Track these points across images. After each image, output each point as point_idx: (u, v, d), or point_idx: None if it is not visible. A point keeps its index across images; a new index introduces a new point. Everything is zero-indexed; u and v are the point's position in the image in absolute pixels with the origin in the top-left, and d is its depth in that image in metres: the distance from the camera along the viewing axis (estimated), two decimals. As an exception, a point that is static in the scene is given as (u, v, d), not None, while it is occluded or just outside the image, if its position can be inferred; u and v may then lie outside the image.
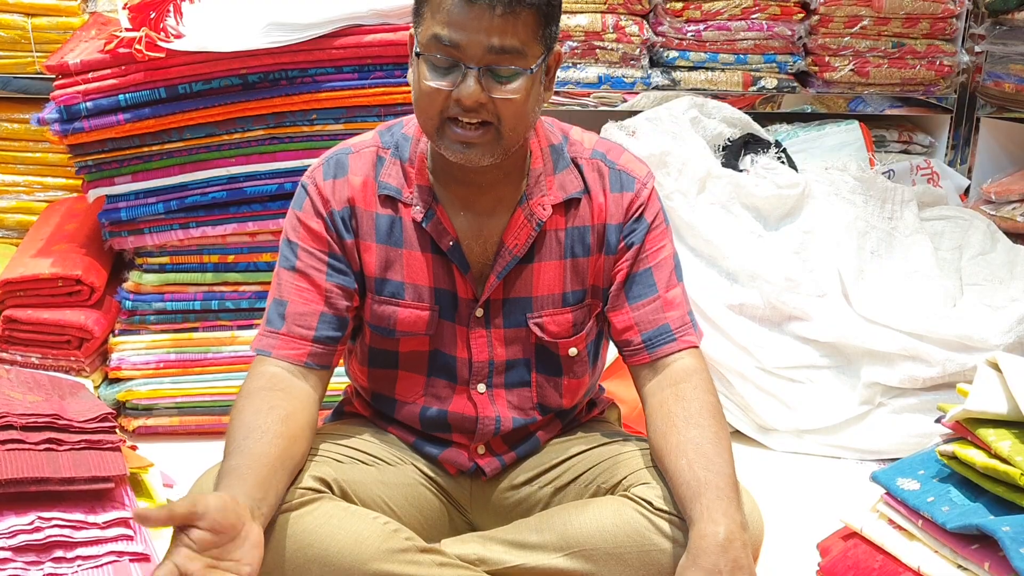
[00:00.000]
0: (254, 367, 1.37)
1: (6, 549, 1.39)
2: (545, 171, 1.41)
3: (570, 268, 1.42)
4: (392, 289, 1.40)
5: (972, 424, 1.31)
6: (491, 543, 1.41)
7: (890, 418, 2.11)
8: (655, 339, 1.41)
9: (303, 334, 1.36)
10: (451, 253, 1.38)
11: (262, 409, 1.30)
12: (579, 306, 1.44)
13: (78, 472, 1.47)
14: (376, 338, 1.44)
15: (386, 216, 1.40)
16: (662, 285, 1.42)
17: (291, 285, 1.38)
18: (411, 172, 1.39)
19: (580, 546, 1.36)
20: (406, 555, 1.32)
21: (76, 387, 1.83)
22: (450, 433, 1.47)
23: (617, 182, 1.42)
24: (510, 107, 1.27)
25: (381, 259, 1.40)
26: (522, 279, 1.42)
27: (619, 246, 1.42)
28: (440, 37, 1.25)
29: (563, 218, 1.41)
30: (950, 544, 1.26)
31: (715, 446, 1.31)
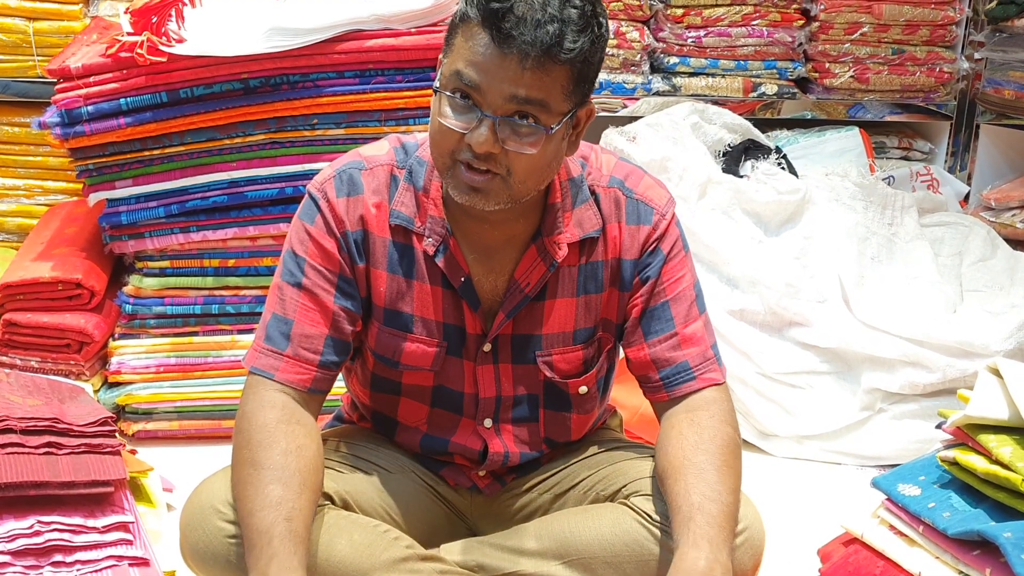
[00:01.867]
0: (257, 390, 1.29)
1: (5, 553, 1.38)
2: (563, 207, 1.33)
3: (582, 305, 1.37)
4: (402, 322, 1.35)
5: (973, 430, 1.30)
6: (490, 549, 1.40)
7: (890, 424, 2.11)
8: (673, 377, 1.35)
9: (309, 358, 1.30)
10: (463, 290, 1.33)
11: (290, 450, 1.23)
12: (590, 343, 1.39)
13: (78, 476, 1.46)
14: (379, 366, 1.40)
15: (398, 244, 1.33)
16: (680, 320, 1.35)
17: (296, 303, 1.30)
18: (425, 202, 1.32)
19: (579, 554, 1.36)
20: (407, 564, 1.31)
21: (76, 391, 1.82)
22: (452, 457, 1.46)
23: (634, 213, 1.35)
24: (523, 161, 1.20)
25: (392, 289, 1.34)
26: (532, 316, 1.36)
27: (634, 282, 1.36)
28: (462, 75, 1.18)
29: (578, 255, 1.35)
30: (951, 550, 1.26)
31: (719, 474, 1.25)
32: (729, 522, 1.22)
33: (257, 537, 1.17)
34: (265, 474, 1.21)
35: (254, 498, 1.19)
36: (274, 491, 1.19)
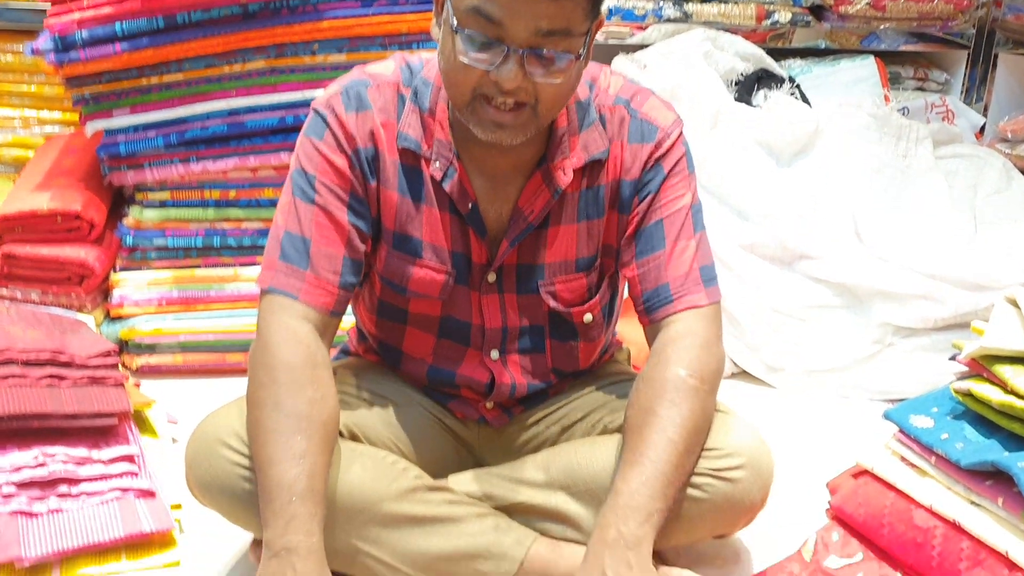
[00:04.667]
0: (279, 316, 1.23)
1: (10, 484, 1.38)
2: (569, 130, 1.29)
3: (584, 232, 1.34)
4: (411, 246, 1.32)
5: (988, 361, 1.28)
6: (498, 479, 1.40)
7: (901, 358, 2.09)
8: (654, 300, 1.31)
9: (330, 279, 1.25)
10: (470, 216, 1.30)
11: (316, 399, 1.20)
12: (592, 270, 1.37)
13: (81, 408, 1.45)
14: (387, 292, 1.38)
15: (406, 167, 1.30)
16: (671, 238, 1.31)
17: (311, 221, 1.25)
18: (431, 124, 1.28)
19: (585, 484, 1.35)
20: (416, 494, 1.31)
21: (77, 324, 1.81)
22: (459, 390, 1.44)
23: (638, 132, 1.31)
24: (550, 91, 1.16)
25: (402, 212, 1.31)
26: (535, 245, 1.33)
27: (633, 200, 1.33)
28: (482, 11, 1.12)
29: (580, 180, 1.31)
30: (963, 481, 1.25)
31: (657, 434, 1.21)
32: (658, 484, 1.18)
33: (277, 491, 1.15)
34: (291, 423, 1.18)
35: (276, 446, 1.17)
36: (299, 443, 1.17)
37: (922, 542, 1.26)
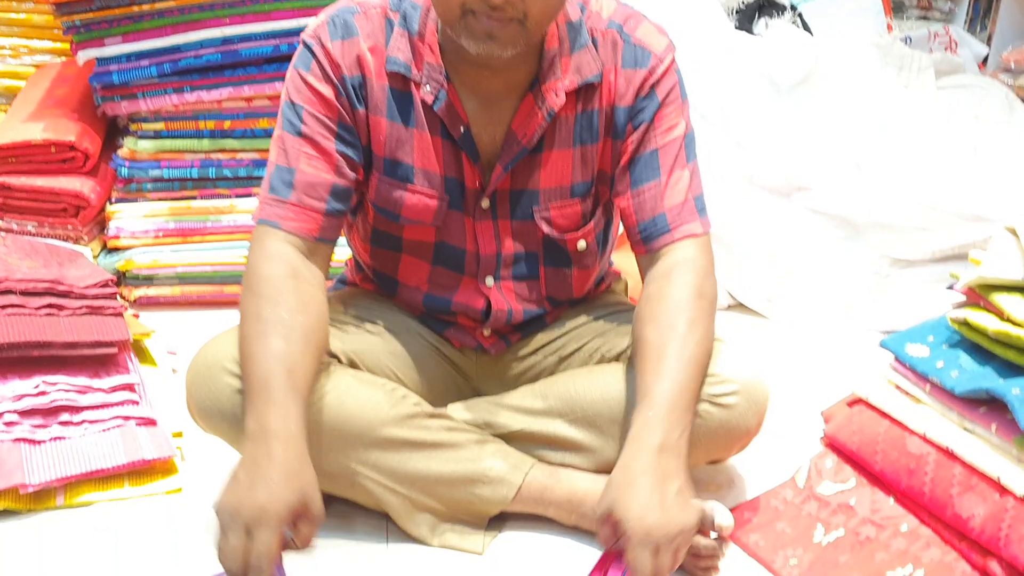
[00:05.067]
0: (263, 242, 1.26)
1: (13, 412, 1.39)
2: (561, 51, 1.28)
3: (579, 157, 1.33)
4: (402, 172, 1.32)
5: (986, 290, 1.29)
6: (497, 408, 1.41)
7: (898, 290, 2.10)
8: (651, 230, 1.31)
9: (315, 206, 1.27)
10: (462, 140, 1.29)
11: (296, 307, 1.21)
12: (587, 196, 1.36)
13: (80, 337, 1.46)
14: (380, 219, 1.37)
15: (396, 91, 1.29)
16: (666, 168, 1.31)
17: (298, 151, 1.27)
18: (420, 47, 1.27)
19: (583, 412, 1.36)
20: (415, 420, 1.32)
21: (74, 255, 1.80)
22: (455, 317, 1.44)
23: (631, 58, 1.30)
24: (540, 4, 1.15)
25: (392, 137, 1.30)
26: (529, 170, 1.33)
27: (627, 127, 1.31)
28: None
29: (574, 104, 1.30)
30: (957, 408, 1.26)
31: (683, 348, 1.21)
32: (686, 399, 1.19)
33: (257, 386, 1.16)
34: (269, 328, 1.19)
35: (256, 350, 1.18)
36: (277, 345, 1.18)
37: (915, 468, 1.28)
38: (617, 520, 1.11)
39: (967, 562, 1.16)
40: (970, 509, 1.17)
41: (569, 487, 1.35)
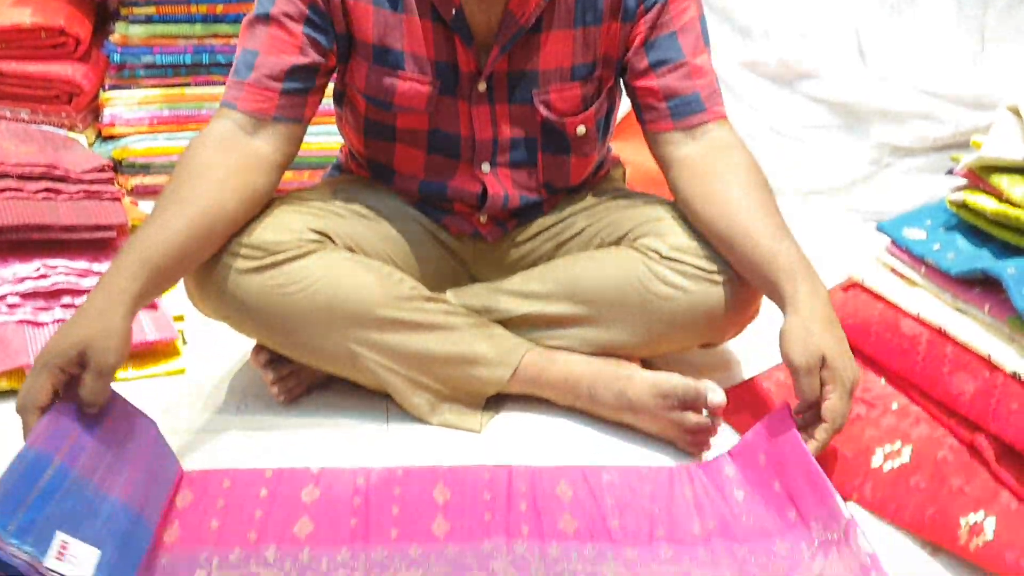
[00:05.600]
0: (211, 123, 1.28)
1: (14, 295, 1.40)
2: None
3: (580, 39, 1.31)
4: (392, 59, 1.30)
5: (985, 172, 1.28)
6: (496, 293, 1.42)
7: (898, 178, 2.09)
8: (683, 107, 1.32)
9: (271, 85, 1.26)
10: (455, 22, 1.26)
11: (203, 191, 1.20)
12: (589, 80, 1.34)
13: (79, 220, 1.46)
14: (371, 110, 1.36)
15: None
16: (688, 51, 1.31)
17: (264, 34, 1.26)
18: None
19: (583, 295, 1.37)
20: (412, 303, 1.33)
21: (70, 142, 1.79)
22: (452, 204, 1.44)
23: None
24: None
25: (379, 24, 1.28)
26: (528, 51, 1.30)
27: (638, 9, 1.30)
28: None
29: None
30: (952, 289, 1.27)
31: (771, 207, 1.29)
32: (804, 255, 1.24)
33: (127, 245, 1.15)
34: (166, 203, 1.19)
35: (150, 217, 1.18)
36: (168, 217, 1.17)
37: (907, 348, 1.29)
38: (832, 365, 1.12)
39: (955, 437, 1.19)
40: (960, 387, 1.19)
41: (565, 369, 1.37)
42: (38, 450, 0.98)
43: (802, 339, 1.14)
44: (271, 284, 1.27)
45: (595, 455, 1.29)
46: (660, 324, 1.34)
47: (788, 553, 1.07)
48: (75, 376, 1.05)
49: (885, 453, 1.21)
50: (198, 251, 1.21)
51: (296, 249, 1.28)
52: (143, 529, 1.05)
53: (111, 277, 1.12)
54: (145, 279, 1.13)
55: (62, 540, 0.93)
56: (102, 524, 0.99)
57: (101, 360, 1.05)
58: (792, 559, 1.06)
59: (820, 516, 1.07)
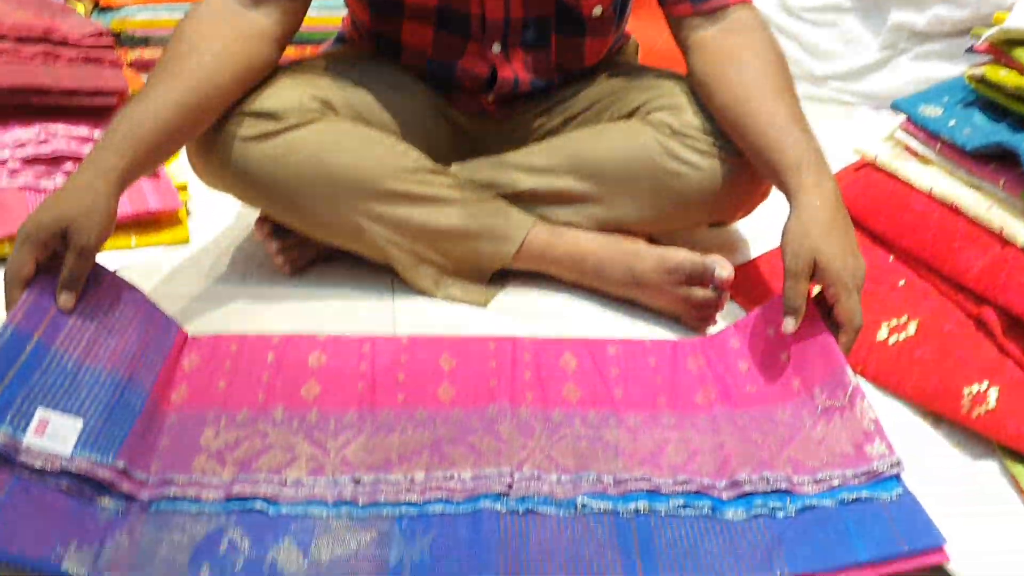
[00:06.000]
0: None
1: (15, 160, 1.38)
2: None
3: None
4: None
5: (1007, 47, 1.25)
6: (501, 167, 1.40)
7: (913, 64, 2.04)
8: None
9: None
10: None
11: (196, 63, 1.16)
12: None
13: (79, 84, 1.42)
14: None
15: None
16: None
17: None
18: None
19: (591, 170, 1.35)
20: (416, 175, 1.31)
21: (67, 10, 1.74)
22: (460, 84, 1.40)
23: None
24: None
25: None
26: None
27: None
28: None
29: None
30: (966, 165, 1.25)
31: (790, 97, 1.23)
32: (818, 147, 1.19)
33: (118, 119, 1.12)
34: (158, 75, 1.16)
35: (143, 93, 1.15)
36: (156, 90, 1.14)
37: (918, 225, 1.28)
38: (826, 267, 1.08)
39: (962, 311, 1.19)
40: (970, 261, 1.19)
41: (572, 244, 1.36)
42: (16, 328, 0.98)
43: (795, 241, 1.11)
44: (273, 153, 1.25)
45: (601, 331, 1.29)
46: (670, 201, 1.32)
47: (790, 420, 1.08)
48: (58, 251, 1.04)
49: (890, 327, 1.21)
50: (190, 127, 1.18)
51: (299, 118, 1.26)
52: (133, 395, 1.04)
53: (98, 153, 1.09)
54: (132, 156, 1.10)
55: (41, 417, 0.94)
56: (85, 395, 0.99)
57: (82, 239, 1.03)
58: (793, 425, 1.07)
59: (825, 384, 1.07)
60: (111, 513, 0.93)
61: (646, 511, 0.97)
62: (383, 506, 0.97)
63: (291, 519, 0.95)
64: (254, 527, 0.94)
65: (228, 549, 0.91)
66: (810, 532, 0.94)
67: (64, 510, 0.91)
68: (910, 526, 0.92)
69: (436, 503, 0.97)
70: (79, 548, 0.88)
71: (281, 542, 0.92)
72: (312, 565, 0.90)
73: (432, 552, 0.92)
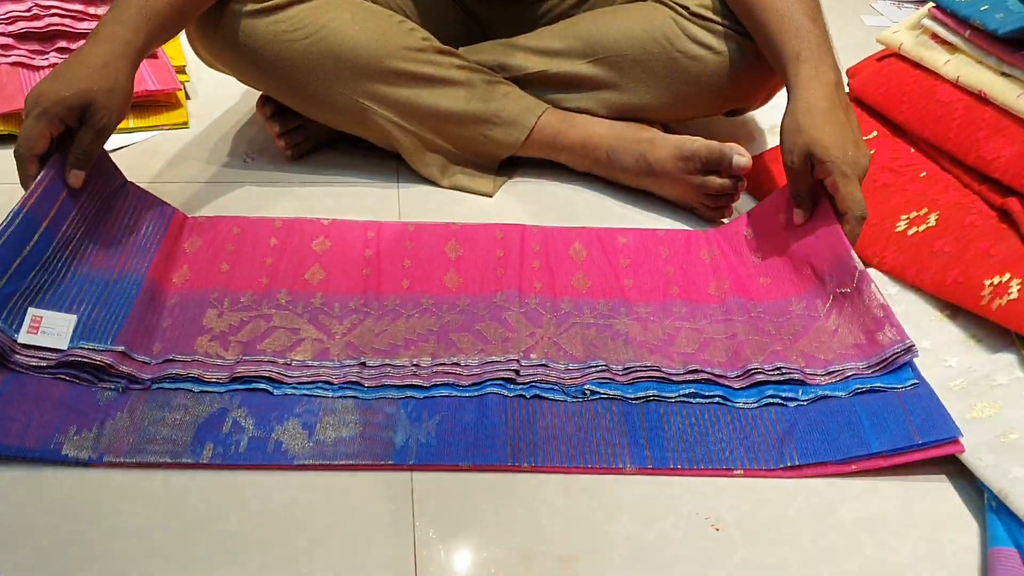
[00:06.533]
0: None
1: (6, 35, 1.34)
2: None
3: None
4: None
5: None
6: (511, 49, 1.35)
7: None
8: None
9: None
10: None
11: None
12: None
13: (71, -43, 1.37)
14: None
15: None
16: None
17: None
18: None
19: (605, 52, 1.30)
20: (423, 55, 1.27)
21: None
22: None
23: None
24: None
25: None
26: None
27: None
28: None
29: None
30: (997, 52, 1.20)
31: None
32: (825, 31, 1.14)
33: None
34: None
35: None
36: None
37: (942, 115, 1.24)
38: (821, 158, 1.05)
39: (985, 202, 1.15)
40: (996, 151, 1.15)
41: (584, 131, 1.32)
42: (28, 213, 0.97)
43: (788, 137, 1.08)
44: (275, 29, 1.21)
45: (612, 222, 1.26)
46: (686, 86, 1.28)
47: (803, 311, 1.06)
48: (72, 128, 1.01)
49: (910, 219, 1.18)
50: None
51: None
52: (127, 284, 1.02)
53: (113, 28, 1.05)
54: (147, 31, 1.06)
55: (34, 315, 0.93)
56: (75, 294, 0.98)
57: (103, 118, 1.01)
58: (807, 317, 1.05)
59: (834, 271, 1.05)
60: (111, 395, 0.92)
61: (656, 399, 0.96)
62: (389, 389, 0.96)
63: (296, 400, 0.94)
64: (259, 407, 0.92)
65: (232, 428, 0.90)
66: (822, 423, 0.93)
67: (62, 398, 0.90)
68: (925, 418, 0.90)
69: (442, 387, 0.96)
70: (79, 432, 0.87)
71: (286, 423, 0.91)
72: (318, 445, 0.89)
73: (438, 433, 0.91)
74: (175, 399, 0.92)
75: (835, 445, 0.90)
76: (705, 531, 0.83)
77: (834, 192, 1.06)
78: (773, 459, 0.90)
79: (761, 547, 0.82)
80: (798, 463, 0.89)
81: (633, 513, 0.85)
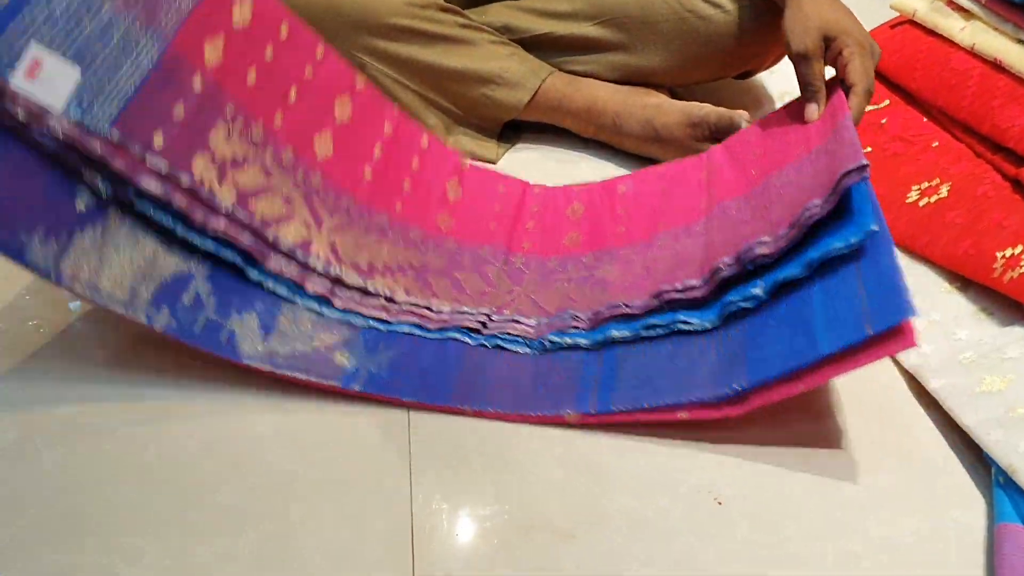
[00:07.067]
0: None
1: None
2: None
3: None
4: None
5: None
6: (516, 10, 1.33)
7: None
8: None
9: None
10: None
11: None
12: None
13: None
14: None
15: None
16: None
17: None
18: None
19: (612, 14, 1.28)
20: (425, 11, 1.24)
21: None
22: None
23: None
24: None
25: None
26: None
27: None
28: None
29: None
30: (1014, 19, 1.17)
31: None
32: None
33: None
34: None
35: None
36: None
37: (956, 83, 1.21)
38: (837, 33, 1.04)
39: (999, 173, 1.13)
40: (1011, 120, 1.12)
41: (589, 96, 1.29)
42: None
43: (799, 22, 1.06)
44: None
45: (616, 187, 1.23)
46: (696, 46, 1.26)
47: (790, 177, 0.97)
48: None
49: (921, 189, 1.16)
50: None
51: None
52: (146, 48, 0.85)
53: None
54: None
55: (35, 55, 0.76)
56: (85, 40, 0.80)
57: None
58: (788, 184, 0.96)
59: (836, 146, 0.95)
60: (91, 201, 0.81)
61: (618, 340, 0.92)
62: (354, 315, 0.94)
63: (262, 294, 0.90)
64: (224, 287, 0.89)
65: (193, 302, 0.86)
66: (776, 330, 0.85)
67: (39, 186, 0.78)
68: (880, 297, 0.79)
69: (406, 324, 0.95)
70: (45, 238, 0.78)
71: (245, 314, 0.88)
72: (268, 352, 0.87)
73: (390, 367, 0.90)
74: (148, 241, 0.85)
75: (785, 355, 0.81)
76: (707, 505, 0.82)
77: (848, 63, 1.03)
78: (721, 385, 0.83)
79: (763, 523, 0.81)
80: (745, 387, 0.82)
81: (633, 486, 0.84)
